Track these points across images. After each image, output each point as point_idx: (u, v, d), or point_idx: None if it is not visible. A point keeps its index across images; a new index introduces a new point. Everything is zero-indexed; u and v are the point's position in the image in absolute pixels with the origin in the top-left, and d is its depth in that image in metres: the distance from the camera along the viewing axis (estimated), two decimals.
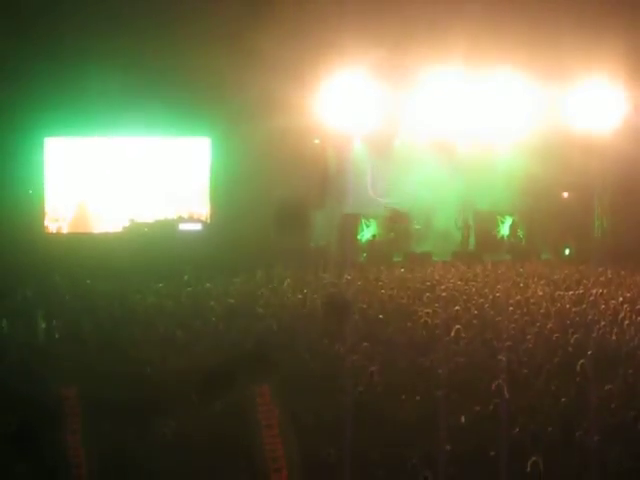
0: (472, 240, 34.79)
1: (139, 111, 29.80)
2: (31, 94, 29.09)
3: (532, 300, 20.77)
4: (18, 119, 29.60)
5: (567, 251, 34.60)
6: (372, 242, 33.99)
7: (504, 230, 35.35)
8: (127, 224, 31.51)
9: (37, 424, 9.22)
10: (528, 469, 9.45)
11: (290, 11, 29.40)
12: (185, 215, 32.20)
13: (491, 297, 21.11)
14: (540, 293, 22.27)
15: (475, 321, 17.76)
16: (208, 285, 23.64)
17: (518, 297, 21.13)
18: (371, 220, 34.62)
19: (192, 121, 30.83)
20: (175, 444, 10.17)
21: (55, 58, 28.54)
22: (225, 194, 31.75)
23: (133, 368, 12.92)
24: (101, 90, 28.88)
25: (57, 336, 16.34)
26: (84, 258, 27.87)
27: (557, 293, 22.25)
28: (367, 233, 34.50)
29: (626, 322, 17.60)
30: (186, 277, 24.78)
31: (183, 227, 31.89)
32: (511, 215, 35.23)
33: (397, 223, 34.42)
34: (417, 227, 35.42)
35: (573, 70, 32.03)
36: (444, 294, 21.64)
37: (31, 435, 9.40)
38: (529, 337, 16.02)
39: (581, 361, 13.22)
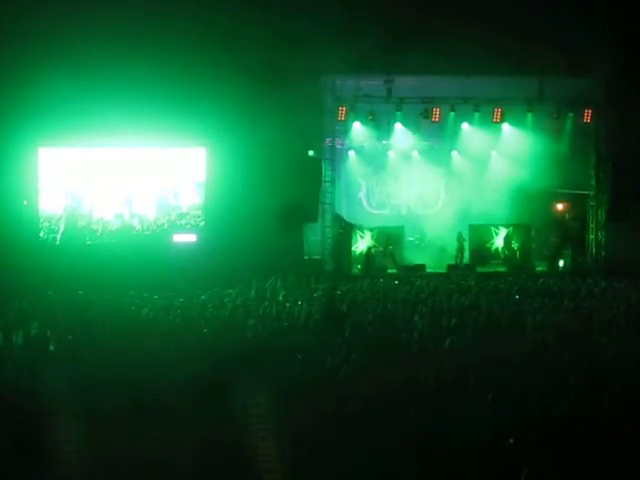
0: (467, 252, 34.81)
1: (134, 121, 29.82)
2: (24, 104, 29.07)
3: (526, 312, 20.78)
4: (11, 129, 29.59)
5: (561, 263, 34.65)
6: (367, 254, 34.01)
7: (498, 242, 35.41)
8: (121, 234, 31.46)
9: (32, 435, 9.21)
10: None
11: (286, 21, 29.43)
12: (180, 226, 32.14)
13: (487, 309, 21.13)
14: (535, 304, 22.29)
15: (469, 332, 17.77)
16: (203, 297, 23.65)
17: (513, 309, 21.16)
18: (365, 232, 34.67)
19: (188, 131, 30.81)
20: (167, 457, 10.15)
21: (48, 67, 28.49)
22: (221, 205, 31.71)
23: (127, 378, 12.90)
24: (96, 100, 28.89)
25: (52, 348, 16.30)
26: (78, 269, 27.89)
27: (552, 304, 22.27)
28: (361, 245, 34.54)
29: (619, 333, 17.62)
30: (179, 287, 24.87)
31: (177, 238, 31.86)
32: (506, 227, 35.28)
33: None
34: (411, 239, 35.51)
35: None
36: (438, 306, 21.67)
37: (25, 446, 9.38)
38: (522, 348, 16.02)
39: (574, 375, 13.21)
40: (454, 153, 36.06)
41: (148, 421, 10.31)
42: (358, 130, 34.77)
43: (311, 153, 32.89)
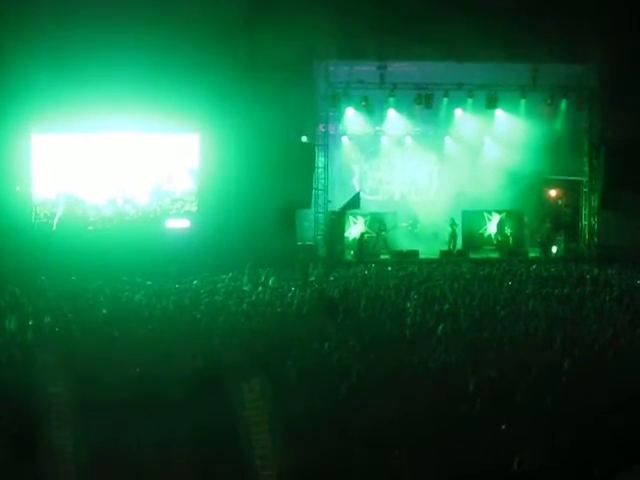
0: (459, 238, 34.80)
1: (127, 107, 29.74)
2: (17, 91, 29.01)
3: (519, 298, 20.83)
4: (4, 116, 29.53)
5: (554, 249, 34.68)
6: (360, 240, 33.97)
7: (491, 228, 35.40)
8: (114, 220, 31.43)
9: (25, 423, 9.21)
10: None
11: (279, 6, 29.38)
12: (173, 212, 32.11)
13: (479, 294, 21.17)
14: (527, 291, 22.34)
15: (463, 318, 17.81)
16: (196, 283, 23.68)
17: (505, 295, 21.21)
18: (358, 218, 34.65)
19: (181, 118, 30.73)
20: (161, 442, 10.17)
21: (42, 54, 28.42)
22: (214, 191, 31.69)
23: (121, 363, 12.91)
24: (89, 87, 28.83)
25: (46, 334, 16.30)
26: (71, 254, 27.89)
27: (545, 291, 22.32)
28: (354, 231, 34.54)
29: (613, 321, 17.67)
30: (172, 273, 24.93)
31: (170, 224, 31.84)
32: (498, 213, 35.27)
33: None
34: (404, 225, 35.49)
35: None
36: (430, 292, 21.69)
37: (19, 434, 9.39)
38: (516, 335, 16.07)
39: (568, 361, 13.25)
40: (447, 139, 36.03)
41: (142, 406, 10.33)
42: (351, 116, 34.72)
43: (304, 139, 32.84)
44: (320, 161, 33.20)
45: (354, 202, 33.41)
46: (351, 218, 34.52)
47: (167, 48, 28.98)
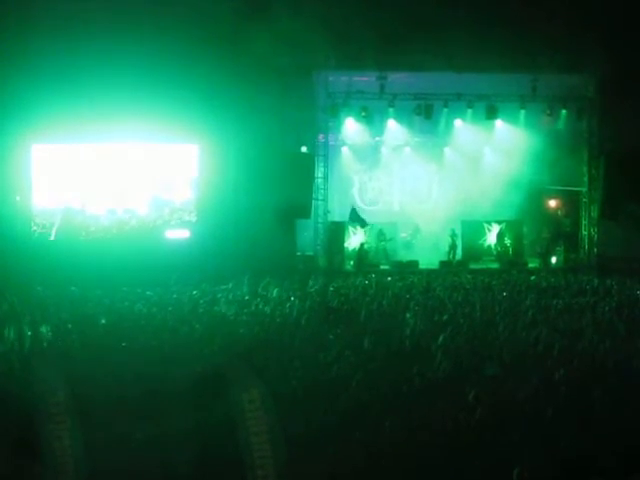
0: (459, 249, 34.79)
1: (127, 118, 29.77)
2: (18, 102, 29.04)
3: (518, 308, 20.82)
4: (4, 126, 29.55)
5: (554, 260, 34.67)
6: (360, 250, 33.93)
7: (491, 238, 35.39)
8: (114, 230, 31.43)
9: (24, 433, 9.17)
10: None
11: (279, 17, 29.41)
12: (172, 222, 32.10)
13: (479, 305, 21.16)
14: (527, 301, 22.33)
15: (463, 329, 17.79)
16: (195, 293, 23.68)
17: (505, 305, 21.20)
18: (358, 228, 34.64)
19: (181, 128, 30.75)
20: (160, 452, 10.13)
21: (42, 65, 28.47)
22: (213, 201, 31.69)
23: (120, 373, 12.89)
24: (89, 97, 28.85)
25: (45, 344, 16.29)
26: (71, 264, 27.87)
27: (544, 301, 22.31)
28: (354, 241, 34.52)
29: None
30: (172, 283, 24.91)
31: (170, 234, 31.84)
32: (498, 223, 35.27)
33: None
34: (404, 235, 35.49)
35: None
36: (430, 302, 21.69)
37: (18, 444, 9.34)
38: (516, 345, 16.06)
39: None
40: (447, 149, 36.07)
41: (142, 415, 10.30)
42: (351, 126, 34.77)
43: (304, 149, 32.85)
44: (320, 171, 33.20)
45: (354, 217, 33.40)
46: (350, 228, 34.50)
47: (166, 59, 29.01)
